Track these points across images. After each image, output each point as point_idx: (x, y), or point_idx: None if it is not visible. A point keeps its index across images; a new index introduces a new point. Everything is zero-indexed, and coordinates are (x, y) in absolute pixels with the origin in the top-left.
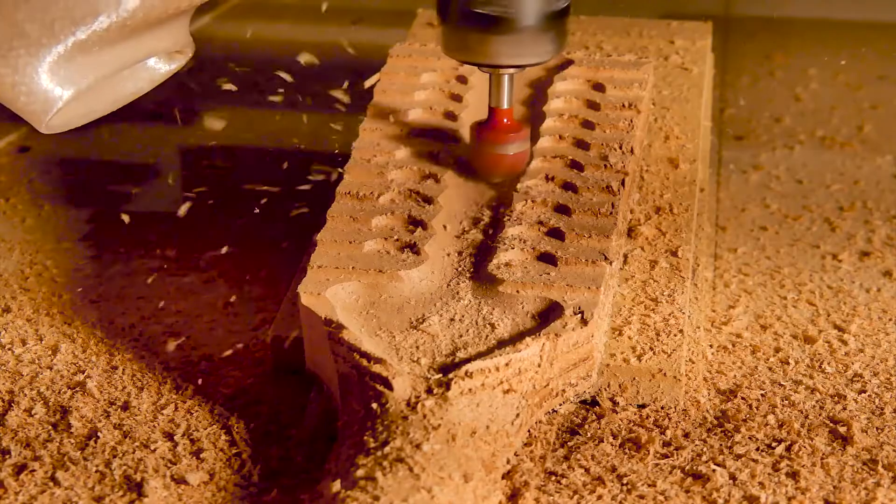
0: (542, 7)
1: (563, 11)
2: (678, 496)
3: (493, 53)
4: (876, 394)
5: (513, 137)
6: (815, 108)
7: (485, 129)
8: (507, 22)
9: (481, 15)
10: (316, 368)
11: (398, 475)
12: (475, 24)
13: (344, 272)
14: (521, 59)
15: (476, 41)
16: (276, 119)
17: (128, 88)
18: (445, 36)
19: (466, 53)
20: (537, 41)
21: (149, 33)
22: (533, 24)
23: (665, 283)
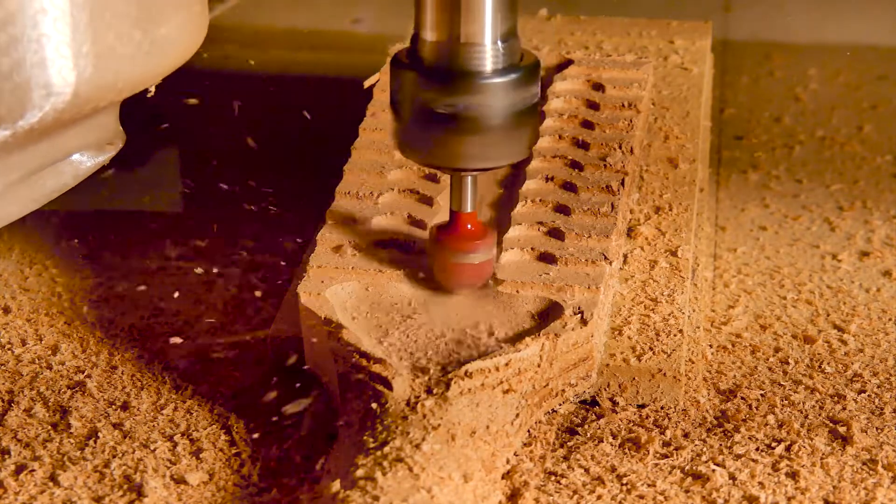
0: (508, 104)
1: (532, 108)
2: (678, 496)
3: (455, 156)
4: (875, 394)
5: (478, 245)
6: (815, 108)
7: (446, 234)
8: (470, 121)
9: (440, 115)
10: (316, 368)
11: (398, 475)
12: (434, 124)
13: (344, 272)
14: (486, 161)
15: (435, 142)
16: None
17: (47, 188)
18: (399, 135)
19: (424, 155)
20: (503, 142)
21: (68, 132)
22: (499, 123)
23: (665, 283)
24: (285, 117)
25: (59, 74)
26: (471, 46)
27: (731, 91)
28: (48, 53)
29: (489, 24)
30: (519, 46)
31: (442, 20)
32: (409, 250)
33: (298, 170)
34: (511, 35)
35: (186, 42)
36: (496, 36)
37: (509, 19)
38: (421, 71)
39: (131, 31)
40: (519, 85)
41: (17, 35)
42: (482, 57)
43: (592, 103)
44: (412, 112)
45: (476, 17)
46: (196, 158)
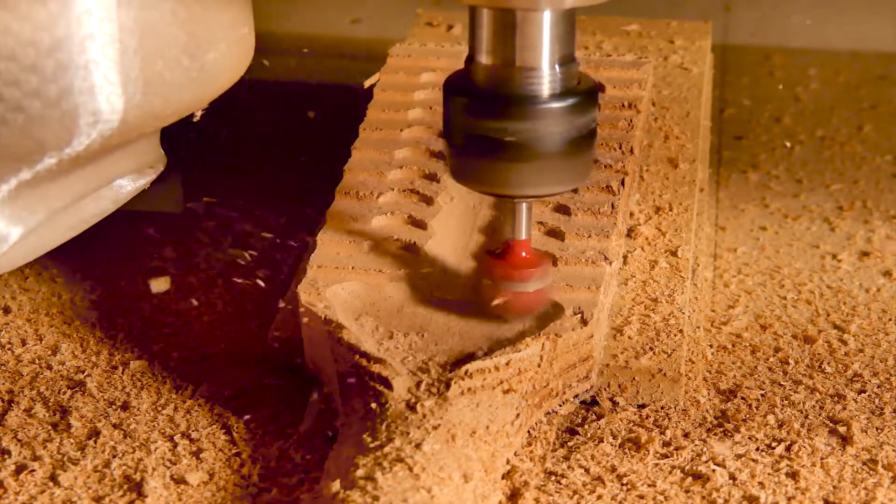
0: (565, 130)
1: (590, 134)
2: (678, 496)
3: (510, 184)
4: (876, 394)
5: (533, 273)
6: (815, 108)
7: (500, 263)
8: (525, 149)
9: (495, 141)
10: (316, 368)
11: (398, 475)
12: (488, 151)
13: (344, 272)
14: (542, 188)
15: (489, 169)
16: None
17: (88, 213)
18: (454, 161)
19: (479, 182)
20: (560, 169)
21: (111, 157)
22: (556, 150)
23: (665, 283)
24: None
25: (108, 101)
26: (527, 71)
27: (731, 91)
28: (96, 80)
29: (546, 47)
30: (577, 70)
31: (497, 43)
32: (410, 250)
33: (299, 169)
34: (569, 59)
35: (234, 65)
36: (553, 60)
37: (567, 43)
38: (475, 96)
39: (180, 56)
40: (576, 110)
41: (65, 61)
42: (539, 81)
43: None
44: (466, 138)
45: (533, 41)
46: (196, 159)
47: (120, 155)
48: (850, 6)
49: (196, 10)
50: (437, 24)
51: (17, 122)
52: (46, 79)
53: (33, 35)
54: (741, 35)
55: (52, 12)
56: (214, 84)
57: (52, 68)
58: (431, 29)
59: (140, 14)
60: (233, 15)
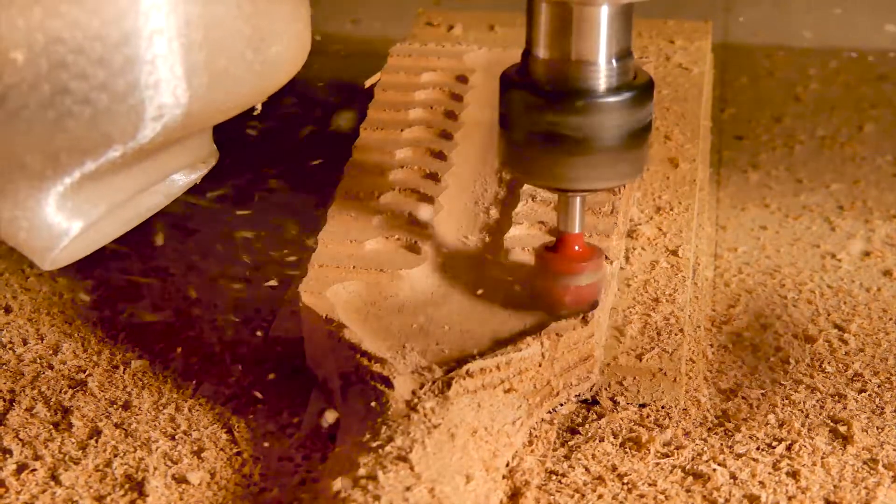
0: (621, 124)
1: (645, 128)
2: (679, 495)
3: (565, 177)
4: (876, 393)
5: (585, 267)
6: (815, 108)
7: (554, 257)
8: (581, 142)
9: (552, 134)
10: (316, 368)
11: (399, 474)
12: (543, 143)
13: (345, 271)
14: (598, 182)
15: (544, 162)
16: None
17: (143, 207)
18: (507, 151)
19: (533, 174)
20: (616, 162)
21: (169, 152)
22: (611, 144)
23: (665, 283)
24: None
25: (174, 95)
26: (584, 65)
27: (731, 91)
28: (163, 74)
29: (603, 41)
30: (633, 65)
31: (554, 37)
32: (410, 250)
33: (299, 169)
34: (625, 53)
35: (295, 59)
36: (610, 54)
37: (624, 37)
38: (531, 89)
39: (244, 50)
40: (632, 105)
41: (133, 56)
42: (595, 75)
43: None
44: (521, 130)
45: (589, 35)
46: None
47: (177, 150)
48: (851, 6)
49: (261, 3)
50: (438, 24)
51: (84, 115)
52: (114, 73)
53: (101, 29)
54: (741, 35)
55: (120, 7)
56: (276, 78)
57: (119, 62)
58: (431, 29)
59: (206, 9)
60: (293, 8)
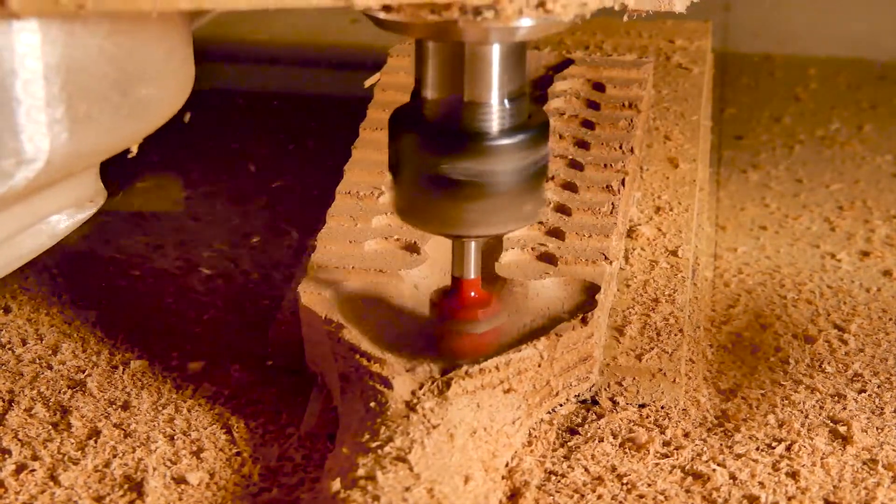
0: (516, 167)
1: (541, 171)
2: (678, 495)
3: (458, 223)
4: (876, 393)
5: (483, 314)
6: (815, 108)
7: (449, 303)
8: (474, 186)
9: (443, 178)
10: (316, 368)
11: (398, 475)
12: (435, 189)
13: (344, 272)
14: (492, 228)
15: (437, 208)
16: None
17: (24, 249)
18: (399, 198)
19: (426, 221)
20: (511, 207)
21: (44, 196)
22: (507, 188)
23: (665, 283)
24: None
25: (32, 142)
26: (476, 106)
27: (731, 91)
28: (19, 119)
29: (496, 81)
30: (527, 105)
31: (445, 77)
32: (410, 250)
33: (299, 169)
34: (519, 93)
35: (170, 100)
36: (503, 95)
37: (517, 76)
38: (422, 131)
39: (109, 93)
40: (527, 146)
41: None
42: (488, 117)
43: (593, 103)
44: (412, 175)
45: (481, 75)
46: (198, 158)
47: (55, 192)
48: (851, 5)
49: (127, 45)
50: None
51: None
52: None
53: None
54: (741, 35)
55: None
56: (148, 121)
57: None
58: None
59: (66, 51)
60: (168, 48)
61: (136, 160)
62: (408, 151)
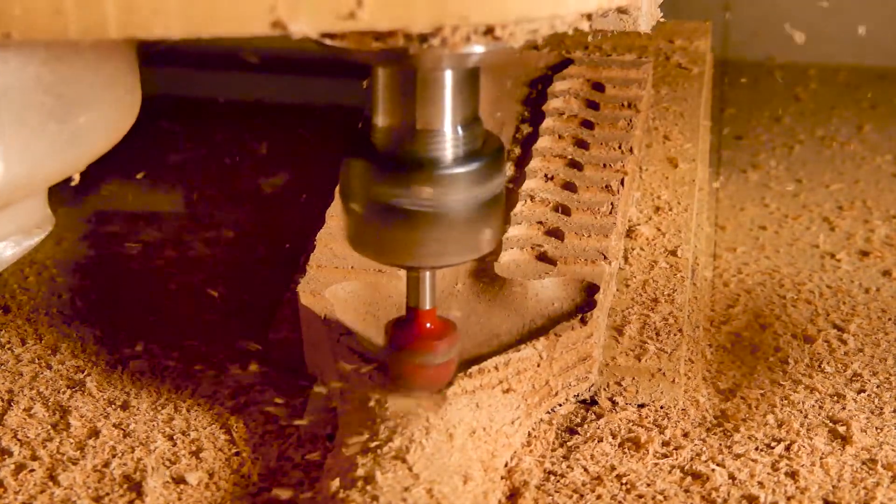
0: (471, 196)
1: (497, 198)
2: (677, 495)
3: (412, 254)
4: (875, 393)
5: (438, 345)
6: (815, 108)
7: (403, 334)
8: (427, 216)
9: (394, 209)
10: (316, 368)
11: (398, 475)
12: (387, 219)
13: (343, 272)
14: (447, 258)
15: (389, 238)
16: None
17: None
18: (350, 229)
19: (377, 252)
20: (466, 236)
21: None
22: (461, 217)
23: (664, 283)
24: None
25: None
26: (428, 133)
27: (731, 91)
28: None
29: (448, 107)
30: (482, 131)
31: (395, 103)
32: None
33: (300, 169)
34: (472, 119)
35: (113, 127)
36: (457, 121)
37: (471, 101)
38: (372, 159)
39: (46, 122)
40: (482, 174)
41: None
42: (441, 144)
43: (592, 103)
44: (363, 205)
45: (433, 101)
46: (198, 159)
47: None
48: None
49: (64, 72)
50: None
51: None
52: None
53: None
54: (741, 34)
55: None
56: (88, 148)
57: None
58: None
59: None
60: (109, 74)
61: (135, 162)
62: (358, 180)
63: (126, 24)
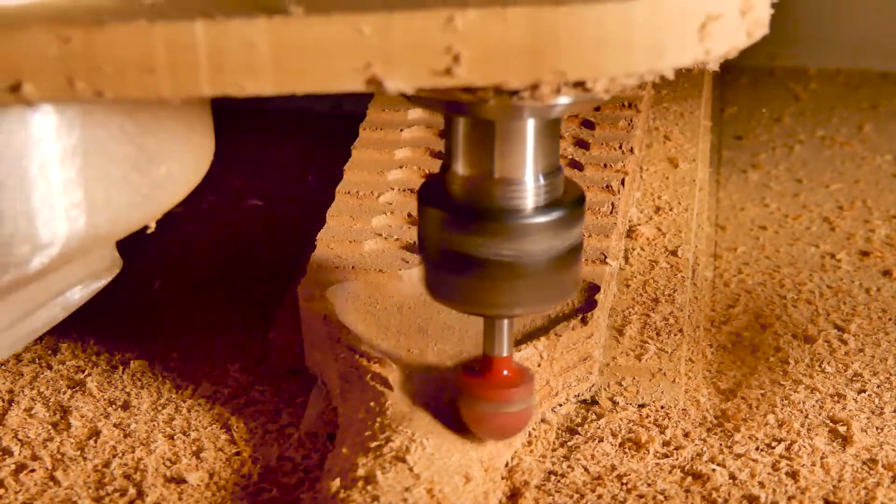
0: (551, 246)
1: (577, 248)
2: (678, 495)
3: (490, 303)
4: (876, 393)
5: (515, 394)
6: (815, 108)
7: (479, 382)
8: (507, 266)
9: (474, 258)
10: (316, 368)
11: (398, 475)
12: (466, 269)
13: (344, 272)
14: (525, 307)
15: (468, 288)
16: None
17: (37, 324)
18: (430, 277)
19: (454, 300)
20: (545, 286)
21: (60, 273)
22: (541, 268)
23: (665, 283)
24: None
25: (48, 228)
26: (508, 182)
27: (731, 91)
28: (34, 205)
29: (530, 157)
30: (562, 179)
31: (475, 153)
32: (410, 250)
33: (300, 170)
34: (553, 168)
35: (191, 175)
36: (538, 170)
37: (552, 150)
38: (449, 208)
39: (129, 173)
40: (562, 224)
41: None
42: (522, 194)
43: None
44: (441, 254)
45: (515, 151)
46: None
47: (70, 269)
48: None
49: (147, 122)
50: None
51: None
52: None
53: None
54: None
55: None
56: (167, 198)
57: None
58: None
59: (85, 133)
60: (188, 122)
61: None
62: (436, 229)
63: (218, 83)
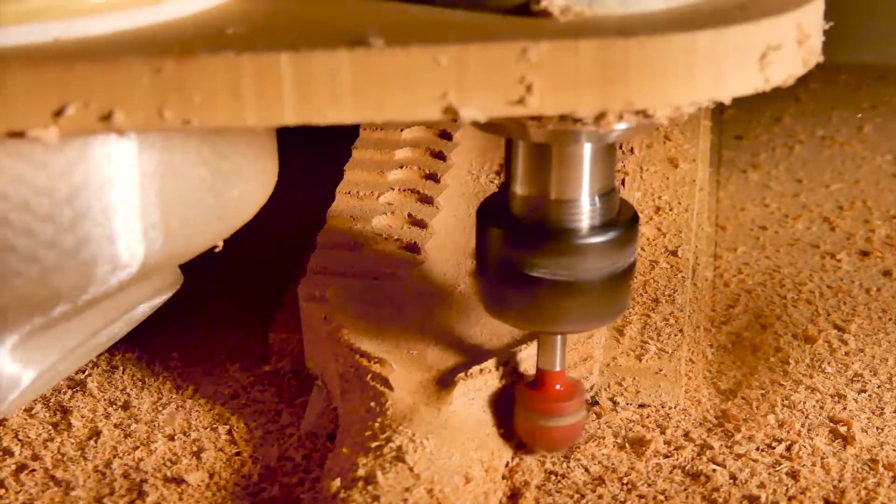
0: (606, 265)
1: (631, 267)
2: (678, 495)
3: (544, 320)
4: (876, 393)
5: (567, 407)
6: (815, 108)
7: (533, 396)
8: (564, 285)
9: (531, 277)
10: (316, 368)
11: (398, 475)
12: (524, 287)
13: (344, 272)
14: (578, 325)
15: (525, 305)
16: None
17: (101, 340)
18: (486, 294)
19: (510, 317)
20: (599, 304)
21: (129, 291)
22: (596, 286)
23: (665, 283)
24: None
25: (128, 249)
26: (565, 203)
27: None
28: (116, 228)
29: (586, 179)
30: (617, 199)
31: (534, 174)
32: (410, 250)
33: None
34: (609, 188)
35: (259, 196)
36: (594, 191)
37: (608, 172)
38: (509, 227)
39: (204, 196)
40: (618, 243)
41: (83, 210)
42: (578, 214)
43: None
44: (500, 272)
45: (572, 173)
46: None
47: (139, 287)
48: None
49: (222, 146)
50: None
51: (30, 273)
52: (63, 228)
53: (48, 183)
54: None
55: (69, 159)
56: (238, 219)
57: (68, 217)
58: None
59: (163, 156)
60: (258, 146)
61: None
62: (494, 247)
63: (302, 112)
